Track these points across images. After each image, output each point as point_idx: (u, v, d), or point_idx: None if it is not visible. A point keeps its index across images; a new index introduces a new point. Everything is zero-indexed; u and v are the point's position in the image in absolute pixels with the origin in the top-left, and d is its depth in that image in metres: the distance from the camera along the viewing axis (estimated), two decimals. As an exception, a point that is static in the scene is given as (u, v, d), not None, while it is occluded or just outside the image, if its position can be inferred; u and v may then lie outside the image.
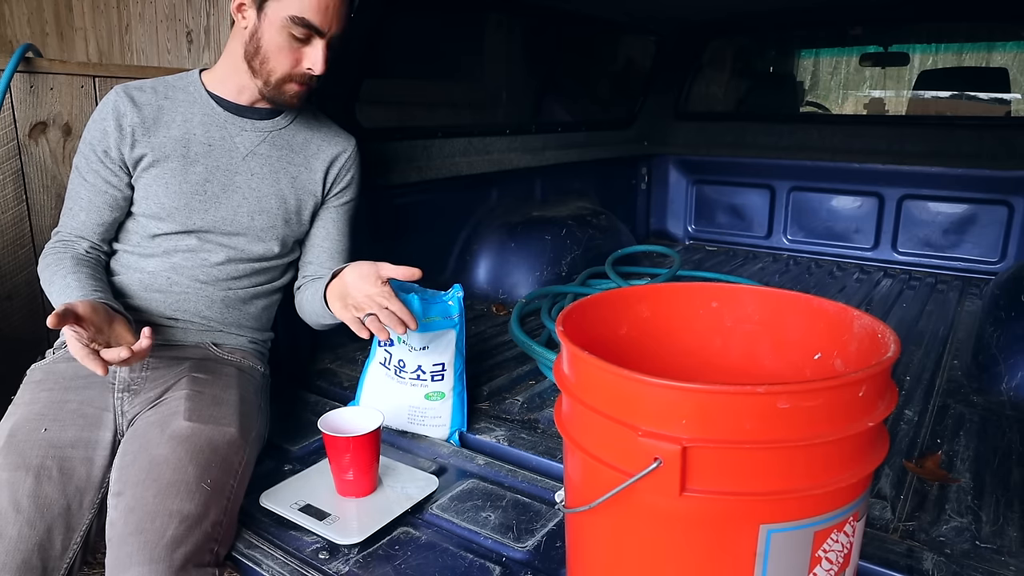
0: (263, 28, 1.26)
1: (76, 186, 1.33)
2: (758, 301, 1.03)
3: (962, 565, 1.02)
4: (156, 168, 1.31)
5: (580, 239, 2.61)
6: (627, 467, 0.73)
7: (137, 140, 1.30)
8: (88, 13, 3.83)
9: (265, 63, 1.28)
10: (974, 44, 4.69)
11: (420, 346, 1.37)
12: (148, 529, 0.99)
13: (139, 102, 1.32)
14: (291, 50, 1.27)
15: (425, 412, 1.40)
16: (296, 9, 1.22)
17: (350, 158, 1.48)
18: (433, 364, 1.38)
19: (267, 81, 1.30)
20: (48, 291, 1.26)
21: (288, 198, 1.41)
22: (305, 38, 1.26)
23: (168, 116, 1.33)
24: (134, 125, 1.30)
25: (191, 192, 1.32)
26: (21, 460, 1.06)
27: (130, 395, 1.23)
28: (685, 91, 3.36)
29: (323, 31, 1.25)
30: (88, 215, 1.32)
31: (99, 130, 1.30)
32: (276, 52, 1.27)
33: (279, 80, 1.30)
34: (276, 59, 1.28)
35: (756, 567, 0.73)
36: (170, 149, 1.31)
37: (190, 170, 1.32)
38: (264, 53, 1.27)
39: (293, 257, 1.47)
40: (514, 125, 2.61)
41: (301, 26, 1.23)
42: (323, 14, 1.24)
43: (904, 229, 2.89)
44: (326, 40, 1.27)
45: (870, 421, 0.72)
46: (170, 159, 1.31)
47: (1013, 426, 1.48)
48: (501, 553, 1.08)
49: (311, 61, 1.28)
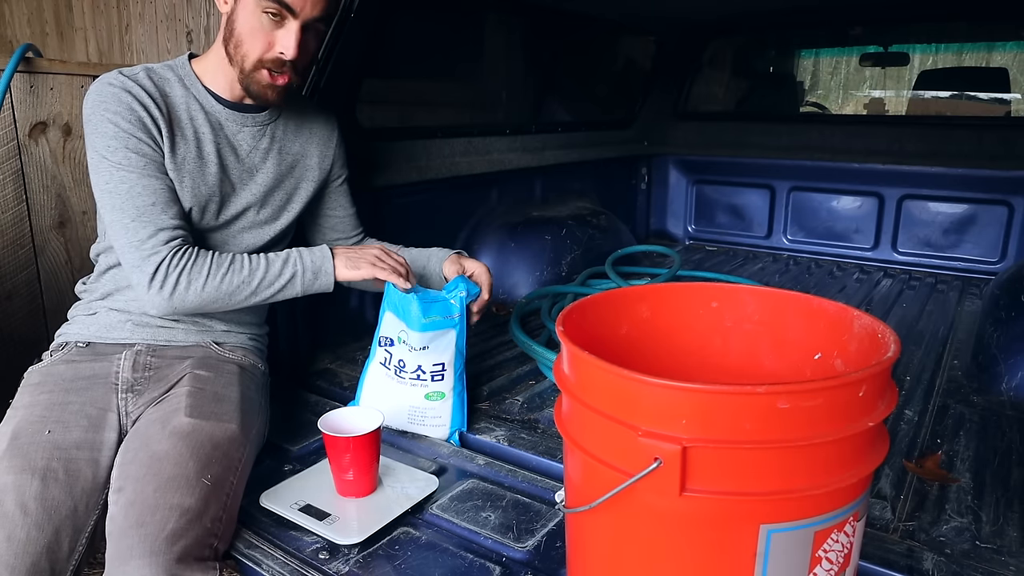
0: (238, 10, 1.22)
1: (141, 182, 1.19)
2: (758, 301, 1.03)
3: (962, 565, 1.02)
4: (176, 169, 1.25)
5: (580, 239, 2.61)
6: (627, 467, 0.73)
7: (163, 132, 1.23)
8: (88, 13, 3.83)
9: (239, 47, 1.24)
10: (974, 44, 4.69)
11: (420, 346, 1.36)
12: (148, 522, 0.99)
13: (150, 92, 1.23)
14: (263, 32, 1.21)
15: (425, 412, 1.40)
16: None
17: (338, 136, 1.53)
18: (433, 364, 1.38)
19: (242, 68, 1.25)
20: (250, 283, 1.24)
21: (289, 188, 1.43)
22: (278, 17, 1.20)
23: (175, 114, 1.27)
24: (157, 117, 1.23)
25: (209, 194, 1.30)
26: (26, 463, 1.06)
27: (133, 395, 1.24)
28: (685, 91, 3.36)
29: (295, 10, 1.20)
30: (176, 205, 1.23)
31: (132, 119, 1.20)
32: (249, 34, 1.22)
33: (252, 66, 1.24)
34: (249, 42, 1.23)
35: (756, 567, 0.73)
36: (185, 148, 1.27)
37: (207, 171, 1.29)
38: (238, 36, 1.23)
39: (285, 245, 1.49)
40: (514, 125, 2.61)
41: (273, 2, 1.18)
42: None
43: (904, 229, 2.89)
44: (299, 23, 1.21)
45: (870, 421, 0.72)
46: (188, 159, 1.27)
47: (1013, 426, 1.48)
48: (501, 553, 1.08)
49: (283, 45, 1.22)
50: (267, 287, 1.27)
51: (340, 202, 1.58)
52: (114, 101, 1.19)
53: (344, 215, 1.59)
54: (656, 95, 3.32)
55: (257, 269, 1.26)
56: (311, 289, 1.31)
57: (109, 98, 1.19)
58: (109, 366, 1.26)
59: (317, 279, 1.30)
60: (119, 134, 1.19)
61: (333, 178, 1.54)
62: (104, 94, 1.20)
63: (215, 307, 1.25)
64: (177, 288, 1.19)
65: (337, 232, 1.60)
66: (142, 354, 1.29)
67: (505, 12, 3.18)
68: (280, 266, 1.28)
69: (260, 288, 1.26)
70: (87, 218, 1.87)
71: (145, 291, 1.19)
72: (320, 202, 1.54)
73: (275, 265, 1.28)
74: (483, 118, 3.59)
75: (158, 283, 1.18)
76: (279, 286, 1.28)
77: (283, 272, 1.28)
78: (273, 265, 1.28)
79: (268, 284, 1.27)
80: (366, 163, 1.90)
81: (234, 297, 1.24)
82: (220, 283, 1.22)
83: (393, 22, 1.92)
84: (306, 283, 1.30)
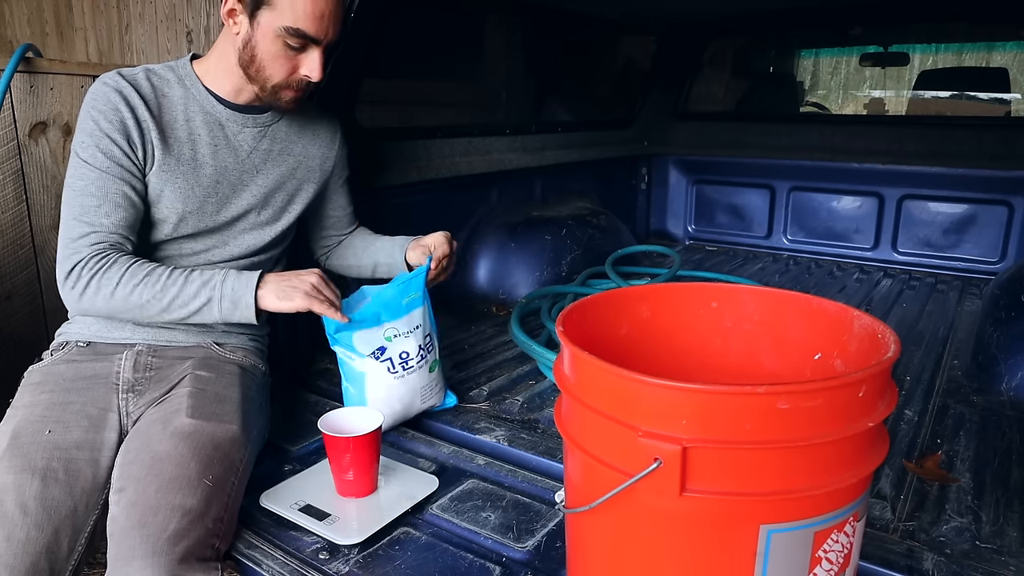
0: (256, 37, 1.23)
1: (97, 181, 1.20)
2: (758, 301, 1.03)
3: (962, 565, 1.02)
4: (167, 171, 1.26)
5: (580, 239, 2.61)
6: (627, 467, 0.73)
7: (150, 135, 1.24)
8: (88, 13, 3.83)
9: (261, 71, 1.26)
10: (974, 44, 4.69)
11: (412, 327, 1.40)
12: (150, 523, 0.99)
13: (143, 94, 1.25)
14: (287, 58, 1.24)
15: (431, 385, 1.46)
16: (290, 20, 1.19)
17: (341, 137, 1.53)
18: (424, 337, 1.43)
19: (263, 87, 1.28)
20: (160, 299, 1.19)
21: (291, 190, 1.43)
22: (300, 47, 1.23)
23: (170, 115, 1.28)
24: (146, 120, 1.24)
25: (204, 196, 1.30)
26: (26, 463, 1.06)
27: (134, 396, 1.24)
28: (685, 91, 3.37)
29: (319, 39, 1.23)
30: (125, 212, 1.22)
31: (114, 120, 1.20)
32: (271, 61, 1.25)
33: (275, 87, 1.28)
34: (272, 67, 1.25)
35: (756, 567, 0.73)
36: (178, 150, 1.27)
37: (200, 172, 1.30)
38: (259, 62, 1.25)
39: (286, 245, 1.50)
40: (514, 125, 2.61)
41: (296, 36, 1.21)
42: (318, 23, 1.21)
43: (904, 229, 2.89)
44: (322, 47, 1.25)
45: (870, 421, 0.72)
46: (180, 161, 1.27)
47: (1013, 426, 1.48)
48: (501, 553, 1.08)
49: (308, 69, 1.26)
50: (180, 307, 1.20)
51: (339, 202, 1.58)
52: (102, 100, 1.22)
53: (342, 214, 1.60)
54: (656, 95, 3.32)
55: (171, 287, 1.20)
56: (231, 318, 1.22)
57: (99, 97, 1.22)
58: (110, 366, 1.26)
59: (236, 309, 1.21)
60: (95, 132, 1.21)
61: (334, 179, 1.54)
62: (96, 93, 1.23)
63: (127, 316, 1.22)
64: (87, 291, 1.18)
65: (332, 229, 1.61)
66: (143, 354, 1.30)
67: (505, 12, 3.18)
68: (196, 288, 1.21)
69: (172, 307, 1.20)
70: (87, 218, 1.87)
71: (61, 288, 1.21)
72: (319, 201, 1.54)
73: (191, 286, 1.21)
74: (483, 118, 3.59)
75: (71, 282, 1.19)
76: (193, 308, 1.21)
77: (199, 294, 1.21)
78: (190, 286, 1.20)
79: (181, 304, 1.20)
80: (366, 163, 1.90)
81: (145, 310, 1.20)
82: (129, 294, 1.18)
83: (393, 22, 1.92)
84: (224, 311, 1.21)
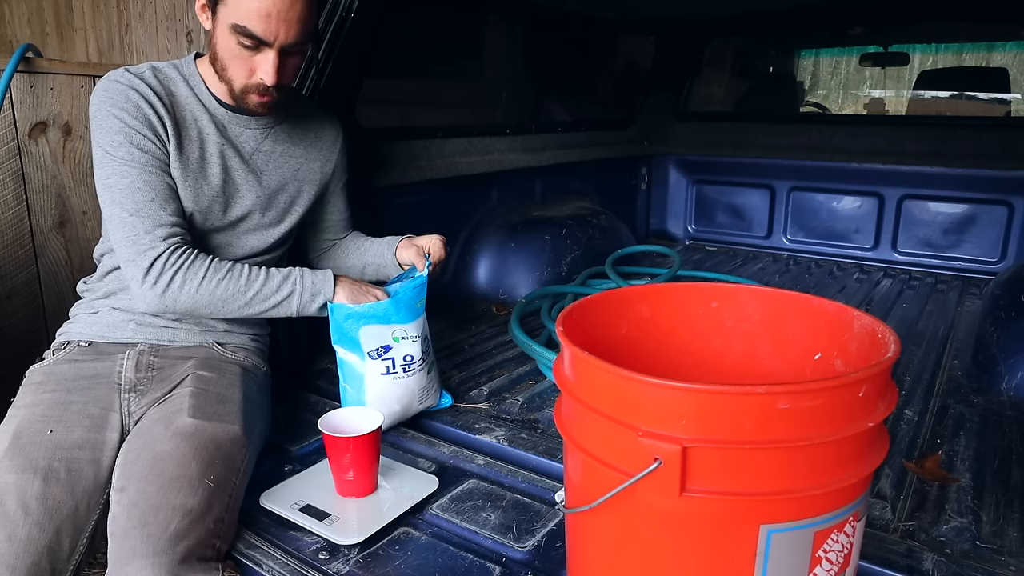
0: (217, 34, 1.20)
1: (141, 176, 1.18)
2: (758, 301, 1.03)
3: (962, 565, 1.02)
4: (179, 168, 1.25)
5: (580, 239, 2.61)
6: (627, 467, 0.73)
7: (169, 131, 1.23)
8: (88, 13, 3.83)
9: (225, 71, 1.24)
10: (974, 44, 4.69)
11: (417, 333, 1.40)
12: (151, 523, 0.99)
13: (156, 91, 1.23)
14: (243, 59, 1.20)
15: (428, 386, 1.46)
16: (238, 17, 1.15)
17: (342, 141, 1.53)
18: (423, 341, 1.43)
19: (231, 89, 1.25)
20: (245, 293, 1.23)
21: (293, 192, 1.43)
22: (253, 46, 1.18)
23: (180, 113, 1.27)
24: (164, 115, 1.22)
25: (212, 196, 1.30)
26: (28, 462, 1.06)
27: (136, 395, 1.24)
28: (685, 91, 3.36)
29: (268, 41, 1.17)
30: (175, 203, 1.22)
31: (138, 116, 1.19)
32: (230, 60, 1.21)
33: (240, 90, 1.24)
34: (231, 68, 1.22)
35: (756, 567, 0.73)
36: (188, 148, 1.27)
37: (209, 172, 1.29)
38: (222, 61, 1.23)
39: (288, 247, 1.50)
40: (514, 125, 2.61)
41: (243, 35, 1.16)
42: (265, 23, 1.15)
43: (904, 229, 2.89)
44: (275, 50, 1.18)
45: (870, 421, 0.72)
46: (191, 160, 1.27)
47: (1013, 426, 1.48)
48: (501, 553, 1.08)
49: (262, 71, 1.20)
50: (262, 300, 1.26)
51: (338, 206, 1.58)
52: (121, 97, 1.20)
53: (339, 218, 1.60)
54: (656, 95, 3.32)
55: (255, 280, 1.25)
56: (306, 310, 1.30)
57: (116, 94, 1.20)
58: (112, 366, 1.26)
59: (314, 301, 1.30)
60: (124, 129, 1.19)
61: (334, 183, 1.54)
62: (111, 90, 1.20)
63: (207, 312, 1.24)
64: (171, 286, 1.18)
65: (328, 232, 1.60)
66: (145, 354, 1.30)
67: (505, 12, 3.18)
68: (279, 282, 1.27)
69: (255, 300, 1.25)
70: (87, 218, 1.87)
71: (139, 286, 1.19)
72: (317, 204, 1.54)
73: (273, 280, 1.27)
74: (483, 118, 3.59)
75: (152, 279, 1.18)
76: (275, 301, 1.27)
77: (281, 288, 1.27)
78: (272, 280, 1.27)
79: (264, 298, 1.26)
80: (366, 163, 1.90)
81: (228, 304, 1.23)
82: (215, 287, 1.21)
83: (393, 22, 1.92)
84: (303, 303, 1.29)
